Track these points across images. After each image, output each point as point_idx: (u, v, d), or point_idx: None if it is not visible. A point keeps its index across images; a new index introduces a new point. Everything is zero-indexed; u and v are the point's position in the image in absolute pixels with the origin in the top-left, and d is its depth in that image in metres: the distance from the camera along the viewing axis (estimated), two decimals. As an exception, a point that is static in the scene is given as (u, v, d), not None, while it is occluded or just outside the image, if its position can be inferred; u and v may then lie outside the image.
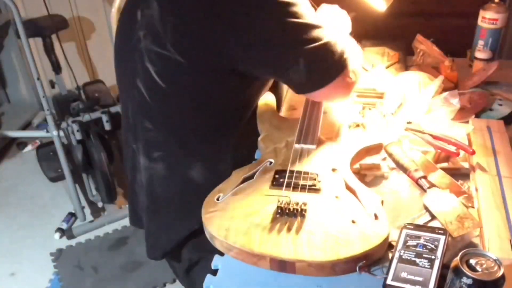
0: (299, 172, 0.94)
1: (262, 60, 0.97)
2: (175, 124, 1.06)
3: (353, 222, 0.83)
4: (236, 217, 0.85)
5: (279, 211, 0.85)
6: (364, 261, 0.78)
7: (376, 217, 0.84)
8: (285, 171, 0.95)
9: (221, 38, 0.93)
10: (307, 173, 0.94)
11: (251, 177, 0.97)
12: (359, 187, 0.92)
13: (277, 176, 0.94)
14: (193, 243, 1.15)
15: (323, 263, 0.77)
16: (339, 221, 0.83)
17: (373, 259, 0.81)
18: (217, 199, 0.91)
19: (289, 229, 0.82)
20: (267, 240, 0.80)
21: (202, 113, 1.04)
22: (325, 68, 0.98)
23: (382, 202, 0.90)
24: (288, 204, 0.85)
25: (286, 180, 0.92)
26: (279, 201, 0.86)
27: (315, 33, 0.94)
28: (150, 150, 1.10)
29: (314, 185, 0.91)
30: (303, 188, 0.90)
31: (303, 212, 0.84)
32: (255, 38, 0.93)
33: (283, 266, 0.79)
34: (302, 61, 0.95)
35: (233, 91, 1.03)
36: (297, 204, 0.85)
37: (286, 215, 0.84)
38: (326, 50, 0.96)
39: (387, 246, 0.84)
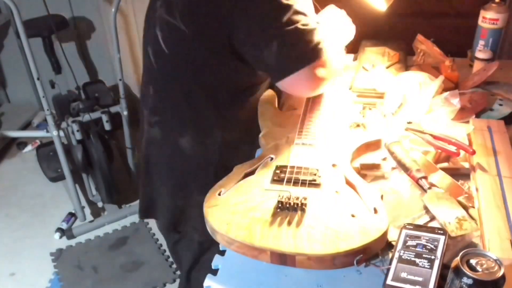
0: (299, 168, 0.95)
1: (246, 37, 0.97)
2: (172, 91, 1.10)
3: (353, 216, 0.84)
4: (237, 211, 0.87)
5: (280, 205, 0.86)
6: (361, 255, 0.79)
7: (375, 211, 0.85)
8: (285, 166, 0.96)
9: (221, 13, 0.95)
10: (308, 168, 0.95)
11: (252, 173, 0.98)
12: (359, 182, 0.93)
13: (277, 171, 0.95)
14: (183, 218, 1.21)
15: (322, 256, 0.78)
16: (338, 215, 0.84)
17: (372, 253, 0.82)
18: (219, 194, 0.92)
19: (289, 223, 0.83)
20: (267, 234, 0.81)
21: (196, 84, 1.07)
22: (295, 54, 0.97)
23: (382, 196, 0.91)
24: (289, 198, 0.86)
25: (286, 175, 0.93)
26: (279, 196, 0.87)
27: (296, 17, 0.94)
28: (151, 115, 1.17)
29: (314, 180, 0.92)
30: (303, 183, 0.91)
31: (303, 207, 0.85)
32: (248, 14, 0.94)
33: (283, 259, 0.80)
34: (276, 43, 0.94)
35: (227, 70, 1.05)
36: (297, 198, 0.86)
37: (287, 210, 0.85)
38: (301, 36, 0.95)
39: (386, 241, 0.85)
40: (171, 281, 2.10)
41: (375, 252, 0.82)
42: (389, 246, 0.85)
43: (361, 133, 1.10)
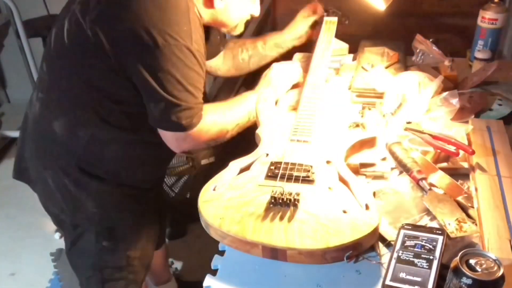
0: (293, 164, 0.96)
1: (141, 81, 1.02)
2: (61, 75, 1.13)
3: (344, 212, 0.85)
4: (231, 206, 0.88)
5: (273, 201, 0.87)
6: (351, 251, 0.79)
7: (367, 207, 0.86)
8: (280, 163, 0.97)
9: (124, 42, 1.00)
10: (302, 165, 0.96)
11: (247, 169, 0.99)
12: (352, 178, 0.94)
13: (272, 167, 0.96)
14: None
15: (313, 251, 0.79)
16: (330, 211, 0.85)
17: (363, 249, 0.83)
18: (214, 189, 0.93)
19: (281, 218, 0.84)
20: (259, 228, 0.82)
21: (85, 84, 1.09)
22: (174, 120, 1.03)
23: (374, 193, 0.92)
24: (282, 194, 0.87)
25: (280, 171, 0.94)
26: (273, 191, 0.87)
27: (183, 94, 1.01)
28: (38, 90, 1.20)
29: (308, 177, 0.93)
30: (296, 179, 0.92)
31: (296, 202, 0.86)
32: (151, 63, 0.99)
33: (274, 253, 0.81)
34: (164, 104, 1.01)
35: (116, 86, 1.07)
36: (290, 194, 0.87)
37: (279, 205, 0.86)
38: (182, 109, 1.02)
39: (377, 237, 0.86)
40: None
41: (365, 248, 0.83)
42: (382, 240, 0.86)
43: (358, 132, 1.10)
